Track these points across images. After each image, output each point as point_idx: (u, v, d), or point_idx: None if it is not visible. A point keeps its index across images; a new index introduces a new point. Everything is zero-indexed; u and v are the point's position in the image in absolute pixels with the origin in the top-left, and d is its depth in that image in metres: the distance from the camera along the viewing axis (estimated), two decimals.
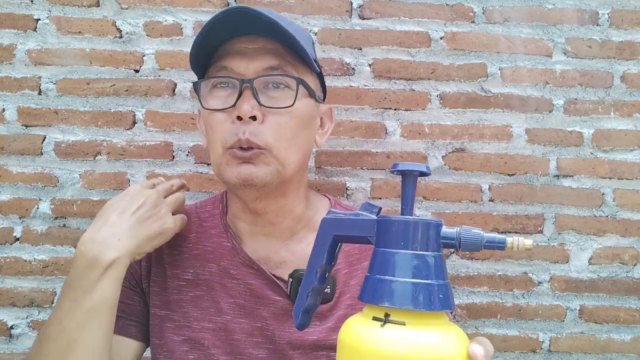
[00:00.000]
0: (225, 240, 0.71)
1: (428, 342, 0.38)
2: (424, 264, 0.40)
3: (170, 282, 0.70)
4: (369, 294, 0.41)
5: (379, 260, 0.42)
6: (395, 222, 0.42)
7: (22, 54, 0.98)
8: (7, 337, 0.99)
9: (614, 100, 1.02)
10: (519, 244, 0.40)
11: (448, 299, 0.40)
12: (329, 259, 0.47)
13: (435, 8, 1.00)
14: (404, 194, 0.44)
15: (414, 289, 0.39)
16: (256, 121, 0.62)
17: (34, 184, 0.99)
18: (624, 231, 1.02)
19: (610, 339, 1.03)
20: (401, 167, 0.43)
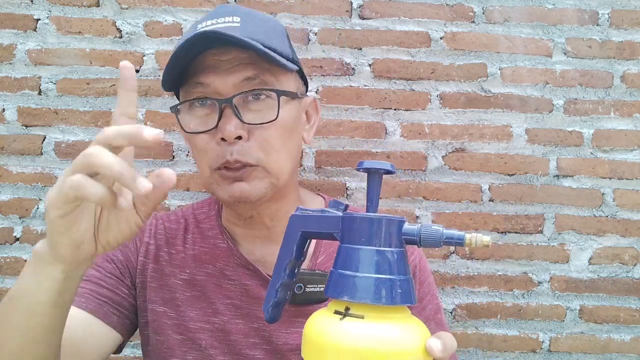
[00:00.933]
0: (221, 242, 0.71)
1: (385, 336, 0.39)
2: (385, 260, 0.41)
3: (168, 280, 0.70)
4: (332, 288, 0.42)
5: (342, 256, 0.43)
6: (358, 219, 0.43)
7: (22, 54, 0.98)
8: None
9: (614, 100, 1.02)
10: (477, 241, 0.41)
11: (408, 293, 0.41)
12: (297, 255, 0.49)
13: (435, 8, 1.00)
14: (369, 192, 0.45)
15: (373, 283, 0.40)
16: (242, 140, 0.61)
17: (34, 184, 0.99)
18: (624, 231, 1.02)
19: (610, 339, 1.03)
20: (367, 165, 0.44)
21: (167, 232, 0.73)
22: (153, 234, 0.73)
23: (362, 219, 0.43)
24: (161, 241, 0.72)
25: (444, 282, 1.02)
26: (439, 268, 1.02)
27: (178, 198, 1.00)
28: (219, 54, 0.61)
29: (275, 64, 0.62)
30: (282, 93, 0.62)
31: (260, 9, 0.99)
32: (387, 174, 0.45)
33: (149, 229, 0.73)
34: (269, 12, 0.99)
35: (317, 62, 1.00)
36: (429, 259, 1.01)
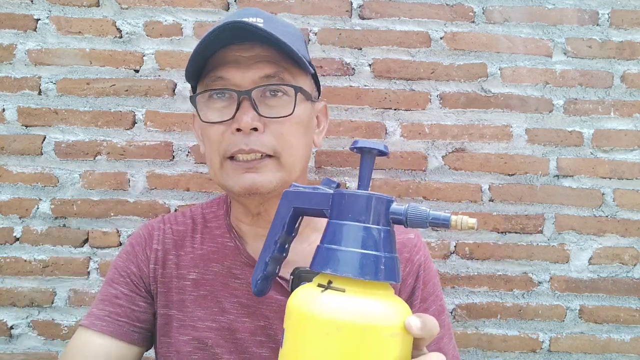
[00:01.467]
0: (228, 241, 0.71)
1: (364, 310, 0.39)
2: (369, 236, 0.42)
3: (176, 282, 0.70)
4: (316, 262, 0.43)
5: (330, 231, 0.43)
6: (347, 195, 0.44)
7: (22, 54, 0.98)
8: (7, 337, 0.99)
9: (614, 100, 1.02)
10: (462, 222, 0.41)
11: (392, 271, 0.41)
12: (288, 230, 0.49)
13: (435, 8, 1.00)
14: (361, 171, 0.46)
15: (355, 258, 0.41)
16: (257, 132, 0.62)
17: (34, 184, 0.99)
18: (624, 231, 1.02)
19: (610, 339, 1.03)
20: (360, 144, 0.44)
21: (174, 235, 0.73)
22: (161, 239, 0.73)
23: (350, 196, 0.43)
24: (169, 245, 0.72)
25: (444, 282, 1.02)
26: (439, 268, 1.02)
27: (178, 198, 1.00)
28: (241, 49, 0.62)
29: (296, 63, 0.63)
30: (299, 89, 0.64)
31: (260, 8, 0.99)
32: (380, 154, 0.45)
33: (157, 234, 0.73)
34: (269, 12, 0.99)
35: (317, 62, 1.00)
36: None
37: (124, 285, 0.70)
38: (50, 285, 0.99)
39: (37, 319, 0.99)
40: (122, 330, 0.68)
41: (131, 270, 0.71)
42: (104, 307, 0.69)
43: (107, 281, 0.72)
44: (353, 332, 0.38)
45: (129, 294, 0.70)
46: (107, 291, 0.71)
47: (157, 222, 0.75)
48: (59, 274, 0.99)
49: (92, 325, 0.67)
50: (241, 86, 0.62)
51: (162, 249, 0.72)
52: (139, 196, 1.00)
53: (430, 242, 1.02)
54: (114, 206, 1.00)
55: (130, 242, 0.74)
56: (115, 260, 0.73)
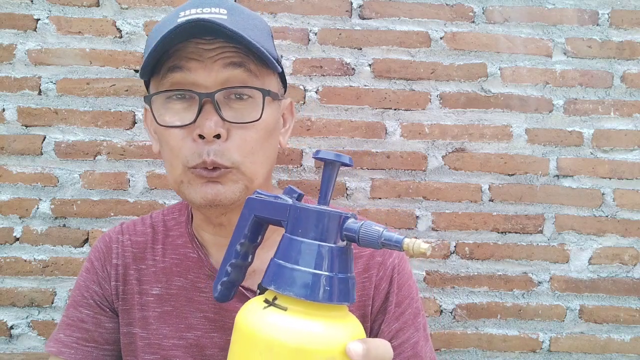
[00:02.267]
0: (191, 251, 0.67)
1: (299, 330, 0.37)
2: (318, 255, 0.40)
3: (139, 299, 0.67)
4: (266, 276, 0.41)
5: (282, 246, 0.42)
6: (300, 209, 0.42)
7: (22, 54, 0.98)
8: (7, 337, 0.99)
9: (614, 100, 1.02)
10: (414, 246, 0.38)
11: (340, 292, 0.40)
12: (251, 238, 0.48)
13: (435, 8, 1.00)
14: (323, 183, 0.43)
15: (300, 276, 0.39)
16: (220, 139, 0.57)
17: (34, 184, 0.99)
18: (624, 231, 1.02)
19: (610, 339, 1.03)
20: (322, 155, 0.42)
21: (134, 247, 0.69)
22: (120, 253, 0.69)
23: (303, 210, 0.42)
24: (129, 259, 0.69)
25: (444, 282, 1.02)
26: (439, 268, 1.02)
27: (178, 198, 1.00)
28: (203, 43, 0.57)
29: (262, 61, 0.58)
30: (268, 93, 0.59)
31: (260, 8, 0.99)
32: (344, 166, 0.43)
33: (115, 247, 0.69)
34: (269, 12, 0.99)
35: (317, 62, 1.00)
36: (428, 258, 1.02)
37: (87, 308, 0.68)
38: (50, 285, 0.99)
39: (37, 319, 0.99)
40: (92, 356, 0.67)
41: (93, 290, 0.68)
42: (72, 333, 0.67)
43: (72, 303, 0.70)
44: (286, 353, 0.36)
45: (94, 317, 0.68)
46: (72, 314, 0.68)
47: (115, 234, 0.71)
48: (59, 274, 0.99)
49: (60, 353, 0.66)
50: (203, 86, 0.57)
51: (122, 264, 0.69)
52: (139, 196, 1.00)
53: (430, 242, 1.02)
54: (114, 206, 1.00)
55: (90, 258, 0.71)
56: (78, 279, 0.71)
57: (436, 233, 1.02)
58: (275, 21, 0.99)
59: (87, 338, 0.67)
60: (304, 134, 1.00)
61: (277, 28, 0.99)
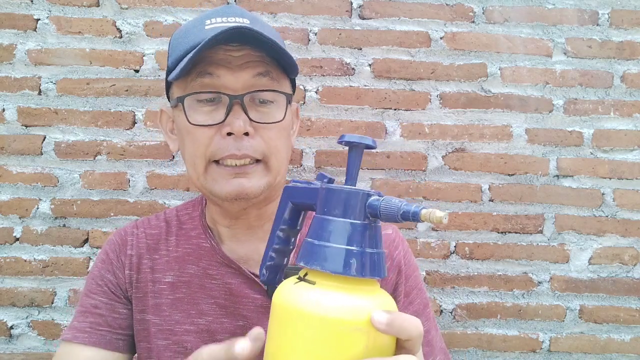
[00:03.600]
0: (204, 241, 0.71)
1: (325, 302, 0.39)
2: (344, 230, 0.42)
3: (152, 286, 0.69)
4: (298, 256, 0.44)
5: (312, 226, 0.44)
6: (326, 190, 0.44)
7: (22, 54, 0.98)
8: (7, 337, 0.99)
9: (614, 100, 1.02)
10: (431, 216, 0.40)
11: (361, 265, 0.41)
12: (291, 224, 0.51)
13: (435, 8, 1.00)
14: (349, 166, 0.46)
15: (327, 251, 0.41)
16: (248, 136, 0.61)
17: (34, 184, 0.99)
18: (624, 231, 1.02)
19: (610, 339, 1.03)
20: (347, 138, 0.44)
21: (148, 239, 0.73)
22: (135, 244, 0.72)
23: (328, 190, 0.44)
24: (143, 249, 0.72)
25: (444, 282, 1.02)
26: (439, 268, 1.02)
27: (178, 198, 1.00)
28: (231, 49, 0.61)
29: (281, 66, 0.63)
30: (289, 97, 0.64)
31: (260, 8, 0.99)
32: (368, 148, 0.45)
33: (130, 240, 0.72)
34: (269, 12, 0.99)
35: (317, 62, 1.00)
36: (428, 258, 1.02)
37: (102, 295, 0.70)
38: (50, 285, 0.99)
39: (37, 319, 0.99)
40: (105, 340, 0.67)
41: (107, 279, 0.71)
42: (85, 319, 0.69)
43: (85, 292, 0.71)
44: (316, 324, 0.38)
45: (109, 302, 0.70)
46: (86, 302, 0.70)
47: (130, 228, 0.74)
48: (59, 274, 0.99)
49: (74, 338, 0.67)
50: (232, 88, 0.61)
51: (136, 254, 0.71)
52: (139, 196, 1.00)
53: (430, 242, 1.02)
54: (114, 206, 1.00)
55: (105, 249, 0.73)
56: (92, 270, 0.73)
57: (436, 233, 1.02)
58: (275, 21, 0.99)
59: (100, 322, 0.69)
60: (304, 134, 1.00)
61: (277, 28, 0.99)
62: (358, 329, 0.39)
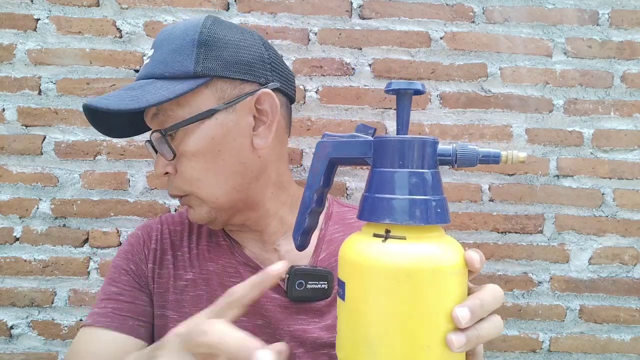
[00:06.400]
0: (222, 240, 0.72)
1: (428, 254, 0.40)
2: (421, 181, 0.42)
3: (173, 282, 0.71)
4: (369, 212, 0.42)
5: (376, 180, 0.43)
6: (392, 141, 0.43)
7: (22, 54, 0.98)
8: (7, 337, 0.99)
9: (614, 100, 1.02)
10: (514, 157, 0.42)
11: (444, 212, 0.42)
12: (325, 182, 0.48)
13: (435, 8, 1.00)
14: (399, 114, 0.45)
15: (412, 205, 0.41)
16: (171, 174, 0.65)
17: (34, 184, 0.99)
18: (624, 231, 1.02)
19: (610, 339, 1.03)
20: (395, 85, 0.44)
21: (172, 235, 0.74)
22: (159, 239, 0.74)
23: (395, 142, 0.43)
24: (167, 245, 0.73)
25: None
26: None
27: None
28: None
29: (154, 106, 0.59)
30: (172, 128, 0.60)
31: (260, 8, 0.99)
32: (417, 94, 0.45)
33: (155, 234, 0.74)
34: (269, 12, 0.99)
35: (317, 62, 1.00)
36: None
37: (124, 283, 0.70)
38: (50, 285, 0.99)
39: (37, 319, 0.99)
40: (128, 324, 0.67)
41: (130, 268, 0.71)
42: (107, 305, 0.68)
43: (107, 280, 0.71)
44: (423, 276, 0.39)
45: (131, 290, 0.70)
46: (108, 289, 0.70)
47: (154, 223, 0.76)
48: (59, 274, 0.99)
49: (96, 322, 0.66)
50: None
51: (160, 249, 0.73)
52: (139, 196, 1.00)
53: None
54: (114, 206, 1.00)
55: (129, 241, 0.74)
56: (114, 260, 0.73)
57: None
58: (275, 21, 0.99)
59: (122, 308, 0.68)
60: (304, 133, 1.00)
61: (277, 28, 0.99)
62: (458, 271, 0.41)
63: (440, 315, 0.39)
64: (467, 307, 0.39)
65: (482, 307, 0.41)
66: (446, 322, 0.39)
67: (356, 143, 0.45)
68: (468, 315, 0.39)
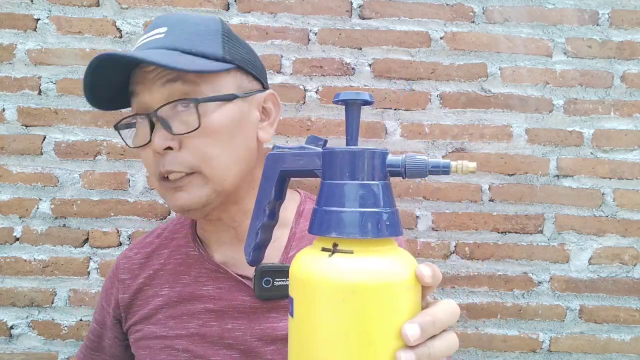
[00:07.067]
0: (192, 250, 0.73)
1: (376, 269, 0.39)
2: (370, 193, 0.40)
3: (151, 301, 0.73)
4: (317, 225, 0.41)
5: (325, 192, 0.42)
6: (340, 153, 0.41)
7: (22, 54, 0.98)
8: (7, 337, 0.99)
9: (614, 100, 1.02)
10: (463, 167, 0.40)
11: (395, 225, 0.41)
12: (276, 195, 0.47)
13: (435, 8, 1.00)
14: (348, 124, 0.44)
15: (360, 217, 0.39)
16: (173, 150, 0.60)
17: (34, 184, 0.99)
18: (624, 231, 1.02)
19: (610, 339, 1.03)
20: (343, 96, 0.42)
21: (141, 258, 0.76)
22: (127, 268, 0.76)
23: (343, 153, 0.41)
24: (136, 270, 0.75)
25: (444, 282, 1.02)
26: (439, 268, 1.01)
27: None
28: (146, 66, 0.61)
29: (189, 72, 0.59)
30: (204, 100, 0.60)
31: (260, 8, 0.99)
32: (365, 104, 0.43)
33: (123, 263, 0.77)
34: (269, 12, 0.99)
35: (317, 62, 1.00)
36: (428, 258, 1.02)
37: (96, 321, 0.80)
38: (50, 285, 0.99)
39: (37, 319, 0.99)
40: None
41: (103, 306, 0.79)
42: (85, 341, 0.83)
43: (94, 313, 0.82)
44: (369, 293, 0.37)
45: (100, 330, 0.79)
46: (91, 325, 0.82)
47: (125, 251, 0.79)
48: (59, 274, 0.99)
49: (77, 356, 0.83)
50: (149, 106, 0.61)
51: (130, 277, 0.75)
52: (139, 196, 1.00)
53: (430, 242, 1.02)
54: (114, 206, 1.00)
55: (107, 275, 0.81)
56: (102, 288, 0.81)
57: (436, 233, 1.02)
58: (275, 21, 0.99)
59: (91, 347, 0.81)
60: (304, 133, 1.00)
61: (277, 28, 0.99)
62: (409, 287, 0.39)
63: (389, 333, 0.37)
64: (417, 324, 0.38)
65: (434, 324, 0.39)
66: (396, 340, 0.38)
67: (305, 155, 0.44)
68: (418, 332, 0.37)
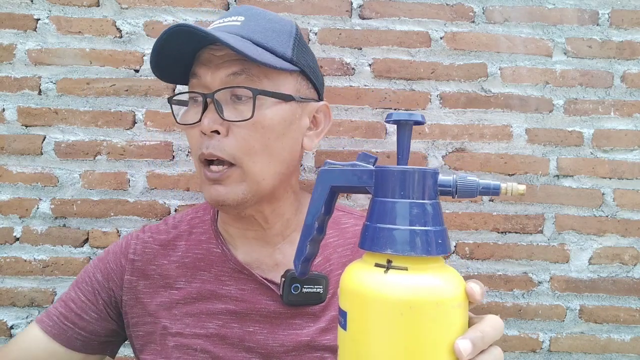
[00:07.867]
0: (215, 247, 0.71)
1: (430, 286, 0.40)
2: (423, 212, 0.42)
3: (163, 292, 0.70)
4: (370, 241, 0.42)
5: (378, 209, 0.43)
6: (393, 172, 0.43)
7: (22, 54, 0.98)
8: (7, 337, 0.99)
9: (614, 100, 1.02)
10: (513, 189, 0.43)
11: (445, 243, 0.43)
12: (326, 210, 0.48)
13: (435, 8, 1.00)
14: (399, 143, 0.46)
15: (414, 235, 0.41)
16: (220, 135, 0.61)
17: (34, 184, 0.99)
18: (624, 231, 1.02)
19: (610, 339, 1.03)
20: (395, 117, 0.44)
21: (156, 244, 0.73)
22: (139, 249, 0.73)
23: (396, 172, 0.43)
24: (149, 255, 0.72)
25: None
26: None
27: (178, 198, 1.00)
28: (216, 49, 0.62)
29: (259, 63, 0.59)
30: (263, 93, 0.61)
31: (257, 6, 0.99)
32: (417, 124, 0.45)
33: (134, 244, 0.73)
34: None
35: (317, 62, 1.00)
36: None
37: (83, 292, 0.71)
38: (50, 285, 0.99)
39: None
40: (66, 336, 0.69)
41: (96, 279, 0.72)
42: (58, 307, 0.71)
43: (74, 282, 0.73)
44: (425, 308, 0.39)
45: (85, 302, 0.71)
46: (68, 293, 0.72)
47: (136, 232, 0.75)
48: (59, 274, 0.99)
49: (41, 322, 0.70)
50: (210, 87, 0.62)
51: (140, 260, 0.71)
52: (139, 196, 1.00)
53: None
54: (114, 206, 1.00)
55: (107, 249, 0.74)
56: (88, 265, 0.74)
57: None
58: None
59: (67, 317, 0.70)
60: None
61: None
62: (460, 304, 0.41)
63: (441, 348, 0.39)
64: (469, 340, 0.39)
65: (483, 339, 0.40)
66: (447, 355, 0.39)
67: (357, 172, 0.46)
68: (470, 347, 0.39)
